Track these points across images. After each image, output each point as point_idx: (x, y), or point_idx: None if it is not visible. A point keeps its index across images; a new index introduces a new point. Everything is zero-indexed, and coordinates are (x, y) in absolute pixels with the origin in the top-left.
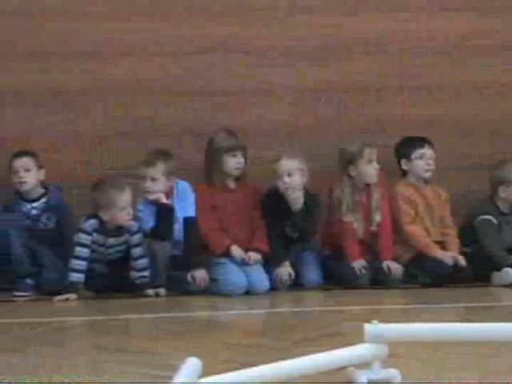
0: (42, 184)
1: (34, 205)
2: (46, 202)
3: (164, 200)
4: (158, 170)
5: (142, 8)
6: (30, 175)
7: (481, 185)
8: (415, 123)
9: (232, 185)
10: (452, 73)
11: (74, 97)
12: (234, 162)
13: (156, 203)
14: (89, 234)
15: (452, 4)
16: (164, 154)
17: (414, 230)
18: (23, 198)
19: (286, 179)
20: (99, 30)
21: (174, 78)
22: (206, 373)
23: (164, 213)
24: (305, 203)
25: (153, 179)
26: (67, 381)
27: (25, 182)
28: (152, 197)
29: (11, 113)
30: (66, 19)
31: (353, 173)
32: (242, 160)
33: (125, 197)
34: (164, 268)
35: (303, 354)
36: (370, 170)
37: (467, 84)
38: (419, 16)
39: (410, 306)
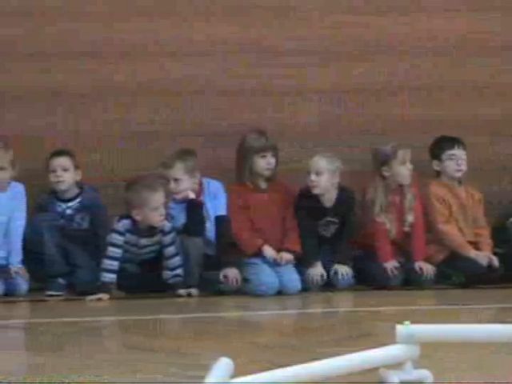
0: (78, 184)
1: (69, 204)
2: (80, 202)
3: (192, 196)
4: (178, 170)
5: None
6: (67, 175)
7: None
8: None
9: (263, 185)
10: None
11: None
12: (264, 163)
13: (184, 200)
14: (121, 234)
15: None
16: (183, 153)
17: (448, 229)
18: (58, 197)
19: (313, 177)
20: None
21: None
22: (238, 373)
23: (193, 208)
24: (339, 201)
25: (175, 180)
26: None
27: (62, 181)
28: (179, 196)
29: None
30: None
31: (386, 173)
32: (272, 161)
33: (157, 197)
34: (197, 267)
35: (336, 355)
36: (403, 170)
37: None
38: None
39: (442, 307)
